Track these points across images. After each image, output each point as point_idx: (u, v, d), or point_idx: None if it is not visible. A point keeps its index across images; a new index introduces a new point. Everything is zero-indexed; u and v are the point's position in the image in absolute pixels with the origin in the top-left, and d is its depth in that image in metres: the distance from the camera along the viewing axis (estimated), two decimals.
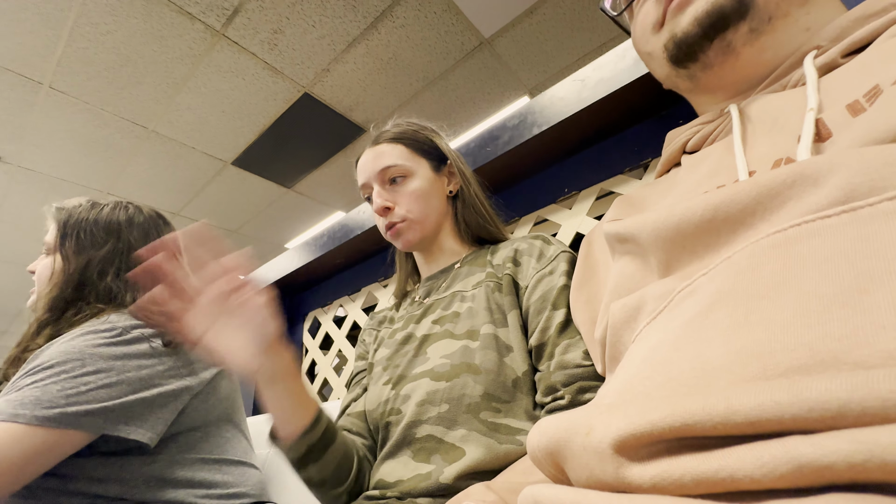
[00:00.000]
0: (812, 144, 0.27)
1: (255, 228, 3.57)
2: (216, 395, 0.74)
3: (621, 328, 0.32)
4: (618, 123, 0.83)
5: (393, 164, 0.66)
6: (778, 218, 0.24)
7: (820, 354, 0.17)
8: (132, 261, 0.73)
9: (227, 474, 0.72)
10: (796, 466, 0.13)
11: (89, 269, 0.71)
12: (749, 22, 0.35)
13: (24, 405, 0.56)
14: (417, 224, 0.65)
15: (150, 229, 0.79)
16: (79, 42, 1.93)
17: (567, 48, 2.29)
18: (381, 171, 0.66)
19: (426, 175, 0.67)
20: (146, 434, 0.62)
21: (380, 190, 0.66)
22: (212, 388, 0.74)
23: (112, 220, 0.75)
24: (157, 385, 0.65)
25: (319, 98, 2.40)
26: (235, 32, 1.97)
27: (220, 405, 0.75)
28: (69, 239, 0.72)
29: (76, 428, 0.57)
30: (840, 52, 0.32)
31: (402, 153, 0.67)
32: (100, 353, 0.62)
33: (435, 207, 0.67)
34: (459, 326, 0.57)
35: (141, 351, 0.65)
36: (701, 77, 0.40)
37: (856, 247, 0.19)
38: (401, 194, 0.65)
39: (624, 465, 0.18)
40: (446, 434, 0.50)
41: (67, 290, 0.70)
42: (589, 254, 0.48)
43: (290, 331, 1.49)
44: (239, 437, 0.78)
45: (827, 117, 0.28)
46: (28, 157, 2.54)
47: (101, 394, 0.60)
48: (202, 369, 0.73)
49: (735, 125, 0.34)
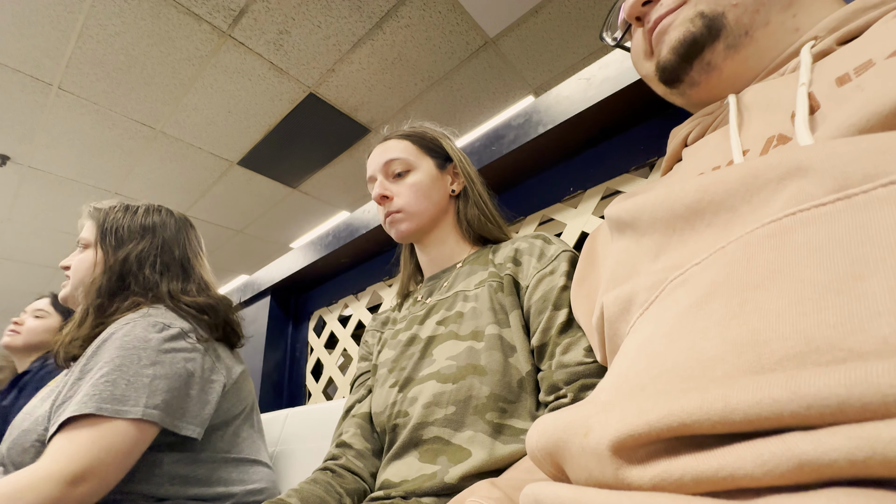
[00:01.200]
0: (808, 116, 0.27)
1: (260, 228, 3.59)
2: (239, 394, 0.77)
3: (617, 321, 0.32)
4: (623, 122, 0.82)
5: (396, 158, 0.68)
6: (760, 201, 0.24)
7: (815, 342, 0.17)
8: (166, 255, 0.80)
9: (243, 473, 0.74)
10: (797, 464, 0.13)
11: (128, 261, 0.76)
12: (724, 40, 0.36)
13: (104, 399, 0.59)
14: (413, 216, 0.67)
15: (180, 230, 0.86)
16: (88, 44, 1.95)
17: (572, 47, 2.28)
18: (385, 164, 0.68)
19: (428, 171, 0.69)
20: (196, 429, 0.66)
21: (382, 180, 0.69)
22: (237, 387, 0.76)
23: (147, 218, 0.83)
24: (200, 380, 0.68)
25: (325, 98, 2.41)
26: (242, 33, 1.98)
27: (241, 404, 0.77)
28: (109, 235, 0.79)
29: (149, 419, 0.60)
30: (835, 40, 0.32)
31: (408, 148, 0.69)
32: (151, 346, 0.65)
33: (434, 203, 0.68)
34: (464, 327, 0.57)
35: (182, 346, 0.68)
36: (692, 93, 0.41)
37: (850, 234, 0.19)
38: (401, 186, 0.68)
39: (623, 466, 0.18)
40: (453, 436, 0.51)
41: (112, 279, 0.75)
42: (592, 249, 0.48)
43: (295, 330, 1.50)
44: (255, 435, 0.80)
45: (815, 90, 0.29)
46: (38, 158, 2.58)
47: (159, 385, 0.63)
48: (230, 366, 0.76)
49: (732, 111, 0.34)
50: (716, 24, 0.36)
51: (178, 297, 0.76)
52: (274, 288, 1.46)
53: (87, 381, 0.61)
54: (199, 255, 0.87)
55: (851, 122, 0.24)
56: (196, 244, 0.88)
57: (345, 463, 0.59)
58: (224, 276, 4.38)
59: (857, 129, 0.24)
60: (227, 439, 0.74)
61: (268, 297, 1.48)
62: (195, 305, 0.76)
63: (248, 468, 0.75)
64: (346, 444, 0.61)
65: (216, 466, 0.71)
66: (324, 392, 1.32)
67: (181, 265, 0.81)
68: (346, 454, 0.60)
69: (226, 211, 3.30)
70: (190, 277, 0.81)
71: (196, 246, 0.87)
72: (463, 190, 0.71)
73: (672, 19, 0.38)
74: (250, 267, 4.24)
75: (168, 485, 0.66)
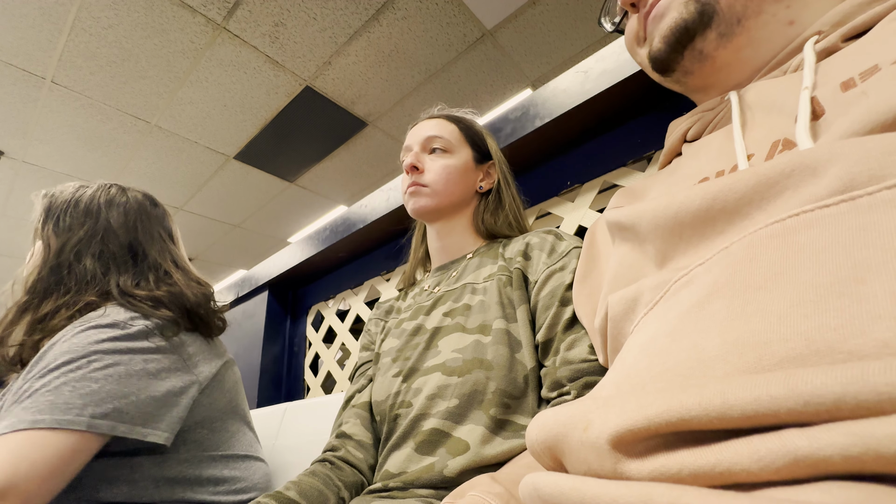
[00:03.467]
0: (809, 122, 0.27)
1: (257, 223, 3.58)
2: (221, 388, 0.73)
3: (621, 320, 0.32)
4: (621, 115, 0.82)
5: (440, 136, 0.69)
6: (775, 208, 0.24)
7: (815, 344, 0.17)
8: (112, 243, 0.70)
9: (235, 469, 0.71)
10: (792, 460, 0.14)
11: (65, 251, 0.68)
12: (716, 28, 0.36)
13: (41, 411, 0.53)
14: (436, 195, 0.67)
15: (133, 211, 0.74)
16: (80, 36, 1.93)
17: (570, 39, 2.27)
18: (427, 138, 0.69)
19: (465, 160, 0.69)
20: (162, 434, 0.60)
21: (417, 152, 0.69)
22: (217, 381, 0.72)
23: (92, 202, 0.72)
24: (165, 381, 0.63)
25: (321, 91, 2.39)
26: (236, 25, 1.96)
27: (224, 398, 0.73)
28: (49, 222, 0.70)
29: (95, 430, 0.55)
30: (840, 36, 0.31)
31: (453, 132, 0.70)
32: (104, 347, 0.59)
33: (459, 191, 0.68)
34: (471, 320, 0.57)
35: (144, 346, 0.63)
36: (686, 81, 0.41)
37: (854, 236, 0.19)
38: (434, 163, 0.68)
39: (621, 460, 0.18)
40: (453, 429, 0.51)
41: (44, 272, 0.67)
42: (592, 246, 0.48)
43: (293, 325, 1.50)
44: (244, 429, 0.78)
45: (820, 94, 0.28)
46: (32, 153, 2.55)
47: (112, 390, 0.57)
48: (205, 362, 0.71)
49: (734, 111, 0.34)
50: (708, 9, 0.36)
51: (129, 293, 0.67)
52: (272, 283, 1.46)
53: (28, 390, 0.56)
54: (161, 240, 0.76)
55: (854, 129, 0.24)
56: (158, 227, 0.77)
57: (344, 455, 0.59)
58: (222, 270, 4.37)
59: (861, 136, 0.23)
60: (215, 436, 0.70)
61: (265, 291, 1.48)
62: (152, 299, 0.67)
63: (239, 464, 0.72)
64: (346, 434, 0.61)
65: (205, 465, 0.68)
66: (322, 386, 1.32)
67: (132, 254, 0.71)
68: (345, 445, 0.60)
69: (223, 205, 3.29)
70: (145, 267, 0.72)
71: (157, 229, 0.77)
72: (495, 191, 0.71)
73: (667, 3, 0.38)
74: (248, 262, 4.24)
75: (153, 488, 0.62)
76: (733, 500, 0.14)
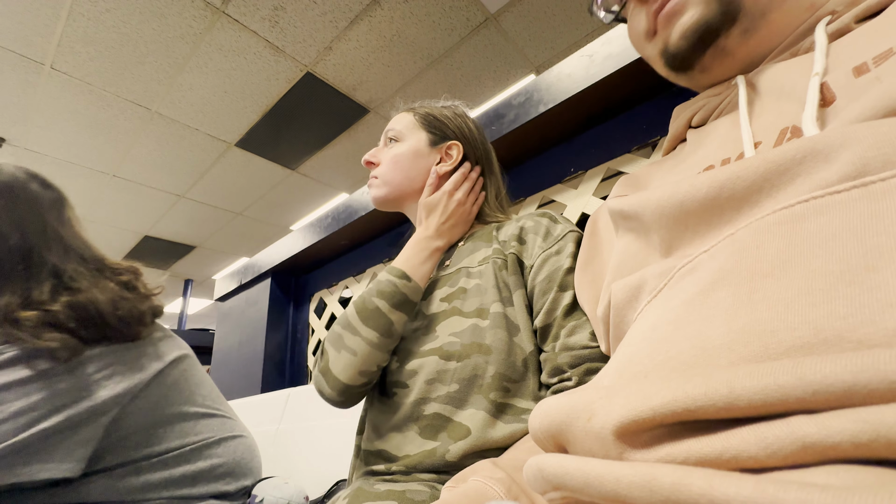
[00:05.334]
0: (817, 110, 0.25)
1: (260, 210, 3.58)
2: (161, 390, 0.63)
3: (624, 308, 0.32)
4: (627, 100, 0.81)
5: (392, 128, 0.71)
6: (786, 195, 0.23)
7: (824, 333, 0.16)
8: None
9: (211, 458, 0.65)
10: (801, 446, 0.13)
11: None
12: (741, 24, 0.34)
13: None
14: (386, 184, 0.69)
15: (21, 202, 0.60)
16: (78, 21, 1.90)
17: (575, 23, 2.22)
18: (385, 132, 0.72)
19: (415, 144, 0.69)
20: (60, 467, 0.52)
21: (377, 148, 0.72)
22: (153, 385, 0.62)
23: None
24: (58, 411, 0.53)
25: (322, 77, 2.36)
26: (235, 9, 1.93)
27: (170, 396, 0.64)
28: None
29: None
30: (854, 17, 0.30)
31: (407, 121, 0.71)
32: None
33: (412, 176, 0.68)
34: (468, 304, 0.57)
35: (22, 377, 0.52)
36: (701, 77, 0.39)
37: (865, 223, 0.18)
38: (385, 154, 0.70)
39: (626, 450, 0.18)
40: (455, 413, 0.51)
41: None
42: (594, 233, 0.48)
43: (296, 311, 1.50)
44: (208, 417, 0.69)
45: (831, 80, 0.27)
46: (33, 140, 2.55)
47: None
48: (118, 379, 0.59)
49: (741, 96, 0.33)
50: (732, 7, 0.34)
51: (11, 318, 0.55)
52: (274, 270, 1.46)
53: None
54: (58, 237, 0.62)
55: (866, 115, 0.23)
56: (54, 219, 0.63)
57: None
58: (224, 258, 4.38)
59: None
60: (176, 431, 0.63)
61: (268, 279, 1.48)
62: (38, 322, 0.55)
63: (214, 450, 0.66)
64: None
65: (174, 464, 0.62)
66: None
67: (23, 261, 0.58)
68: None
69: (225, 193, 3.28)
70: (42, 275, 0.58)
71: (53, 222, 0.62)
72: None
73: (685, 1, 0.36)
74: (251, 249, 4.24)
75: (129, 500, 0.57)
76: (738, 479, 0.14)
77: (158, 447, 0.61)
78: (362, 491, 0.49)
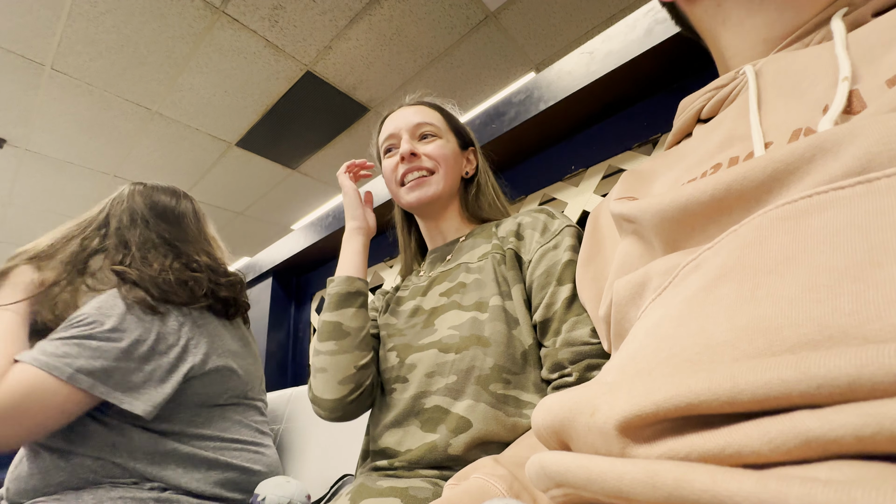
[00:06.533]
0: (840, 115, 0.24)
1: (261, 210, 3.58)
2: (221, 375, 0.73)
3: (626, 305, 0.31)
4: (627, 97, 0.81)
5: (430, 122, 0.68)
6: (794, 193, 0.22)
7: (828, 330, 0.16)
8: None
9: (235, 458, 0.72)
10: (804, 441, 0.13)
11: None
12: None
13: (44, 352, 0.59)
14: (441, 180, 0.66)
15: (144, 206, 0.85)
16: (78, 22, 1.90)
17: (575, 20, 2.22)
18: (416, 125, 0.67)
19: (454, 145, 0.69)
20: (141, 406, 0.63)
21: (409, 138, 0.66)
22: (216, 368, 0.73)
23: None
24: (156, 356, 0.66)
25: (322, 76, 2.36)
26: (235, 9, 1.93)
27: (224, 385, 0.74)
28: None
29: (75, 384, 0.59)
30: (872, 9, 0.30)
31: (439, 119, 0.70)
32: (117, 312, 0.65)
33: (454, 175, 0.68)
34: (467, 297, 0.57)
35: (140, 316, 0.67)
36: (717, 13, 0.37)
37: (870, 219, 0.18)
38: (431, 148, 0.66)
39: (629, 445, 0.18)
40: (452, 405, 0.51)
41: None
42: (595, 229, 0.48)
43: (297, 311, 1.50)
44: (252, 416, 0.78)
45: (863, 90, 0.25)
46: (35, 141, 2.55)
47: (108, 350, 0.62)
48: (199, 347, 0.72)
49: (751, 91, 0.32)
50: None
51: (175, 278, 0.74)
52: (276, 269, 1.46)
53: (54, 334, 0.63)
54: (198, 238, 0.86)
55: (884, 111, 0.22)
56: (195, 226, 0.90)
57: None
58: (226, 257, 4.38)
59: None
60: (217, 422, 0.72)
61: (270, 278, 1.48)
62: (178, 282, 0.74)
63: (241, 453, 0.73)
64: None
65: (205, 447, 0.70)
66: None
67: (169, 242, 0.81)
68: None
69: (226, 193, 3.28)
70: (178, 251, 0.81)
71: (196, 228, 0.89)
72: (474, 177, 0.72)
73: None
74: (252, 249, 4.25)
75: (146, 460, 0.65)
76: (741, 475, 0.13)
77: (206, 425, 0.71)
78: (365, 487, 0.49)
